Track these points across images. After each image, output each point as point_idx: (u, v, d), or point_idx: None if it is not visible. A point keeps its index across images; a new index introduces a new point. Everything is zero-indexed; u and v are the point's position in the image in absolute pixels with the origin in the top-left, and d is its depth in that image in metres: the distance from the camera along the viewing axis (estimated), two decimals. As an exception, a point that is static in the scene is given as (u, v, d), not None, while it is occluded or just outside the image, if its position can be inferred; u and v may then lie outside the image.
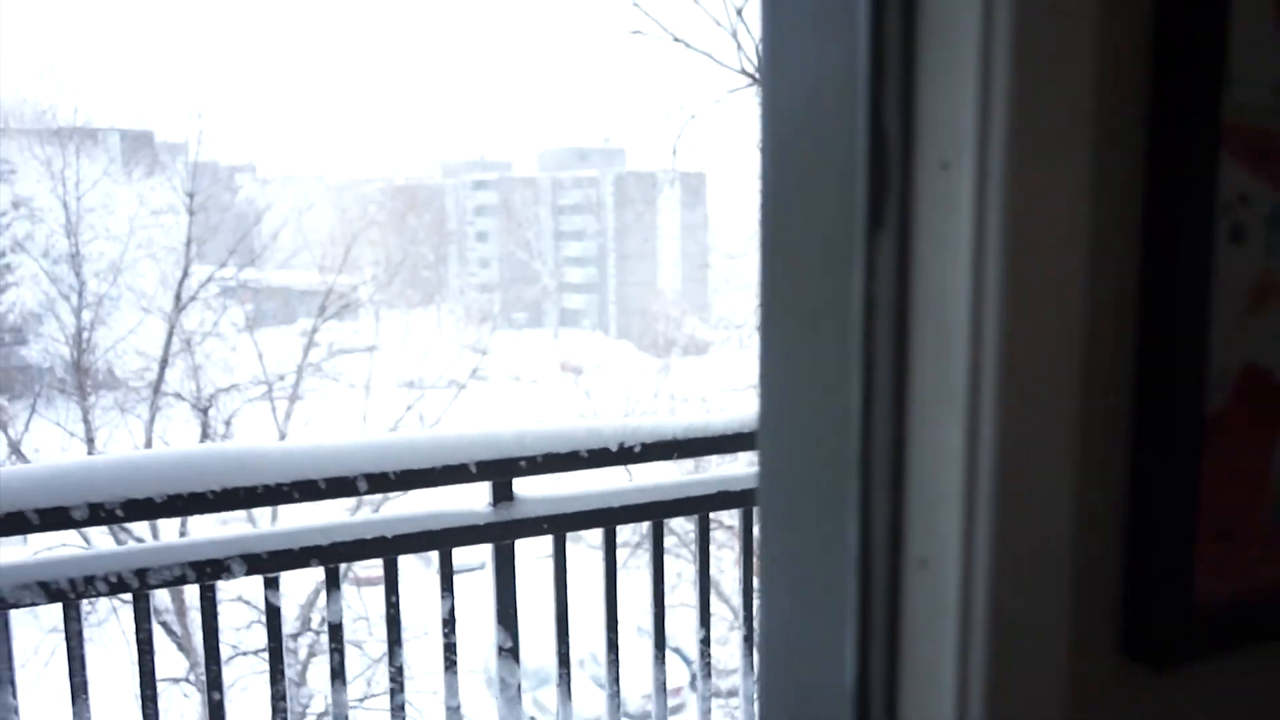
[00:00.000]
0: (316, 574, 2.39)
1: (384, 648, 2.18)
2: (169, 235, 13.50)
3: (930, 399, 0.44)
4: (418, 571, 2.81)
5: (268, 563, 2.00)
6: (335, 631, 2.12)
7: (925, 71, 0.42)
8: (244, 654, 8.72)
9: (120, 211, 13.65)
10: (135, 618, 1.96)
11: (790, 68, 0.45)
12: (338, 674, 2.11)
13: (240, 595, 8.67)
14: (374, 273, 18.03)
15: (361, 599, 8.92)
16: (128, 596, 1.95)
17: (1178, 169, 0.47)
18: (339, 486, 2.03)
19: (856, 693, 0.45)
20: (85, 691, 1.92)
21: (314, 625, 10.17)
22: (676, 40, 9.50)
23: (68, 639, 1.91)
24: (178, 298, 12.16)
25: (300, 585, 9.79)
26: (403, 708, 2.16)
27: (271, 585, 2.04)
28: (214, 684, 2.03)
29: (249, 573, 2.00)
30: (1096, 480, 0.48)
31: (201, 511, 1.96)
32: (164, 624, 10.30)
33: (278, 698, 2.05)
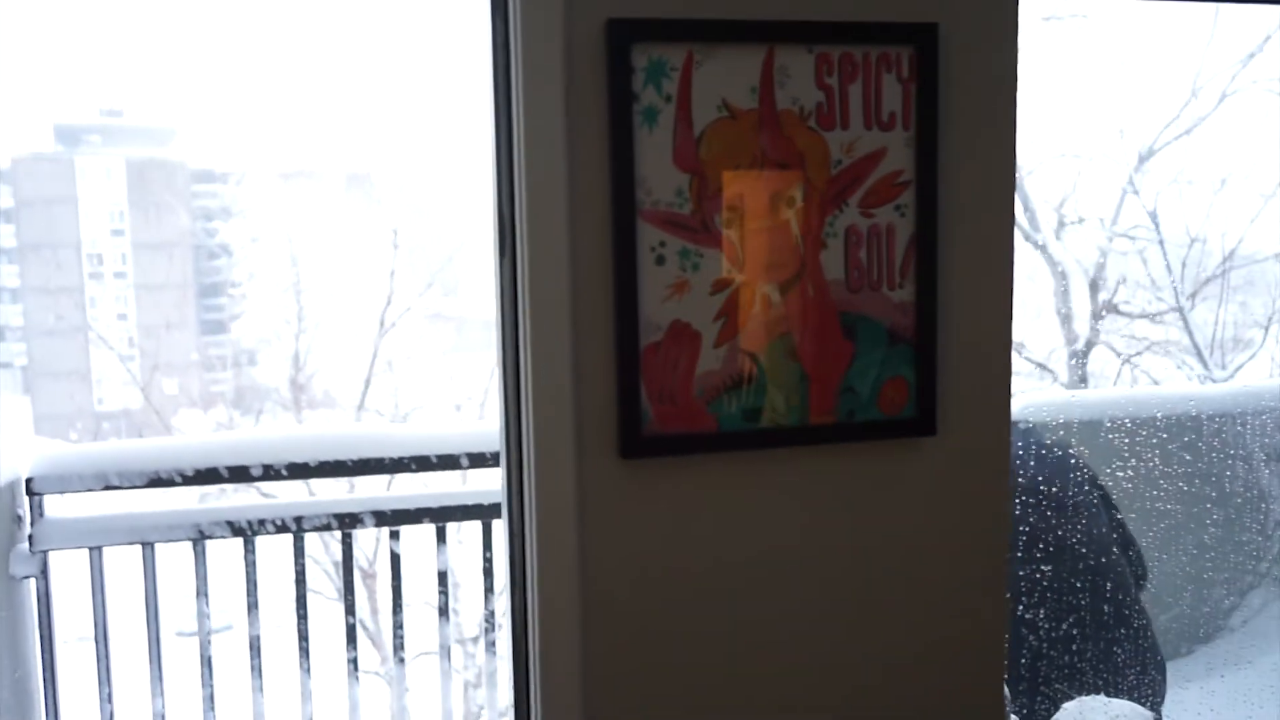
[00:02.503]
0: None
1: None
2: (377, 267, 14.90)
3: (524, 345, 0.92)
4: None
5: (390, 518, 2.59)
6: (443, 578, 2.68)
7: (519, 185, 0.90)
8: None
9: (336, 245, 15.23)
10: (294, 554, 2.58)
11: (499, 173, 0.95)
12: (443, 612, 2.67)
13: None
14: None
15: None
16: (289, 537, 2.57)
17: (619, 232, 0.94)
18: (447, 461, 2.60)
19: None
20: (256, 608, 2.55)
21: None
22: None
23: (246, 567, 2.56)
24: (381, 323, 13.44)
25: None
26: (494, 644, 2.69)
27: (394, 536, 2.63)
28: (350, 610, 2.62)
29: (377, 525, 2.59)
30: (601, 373, 0.93)
31: (343, 475, 2.57)
32: (360, 621, 11.45)
33: (397, 626, 2.63)
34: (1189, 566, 2.62)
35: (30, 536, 2.45)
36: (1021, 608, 1.74)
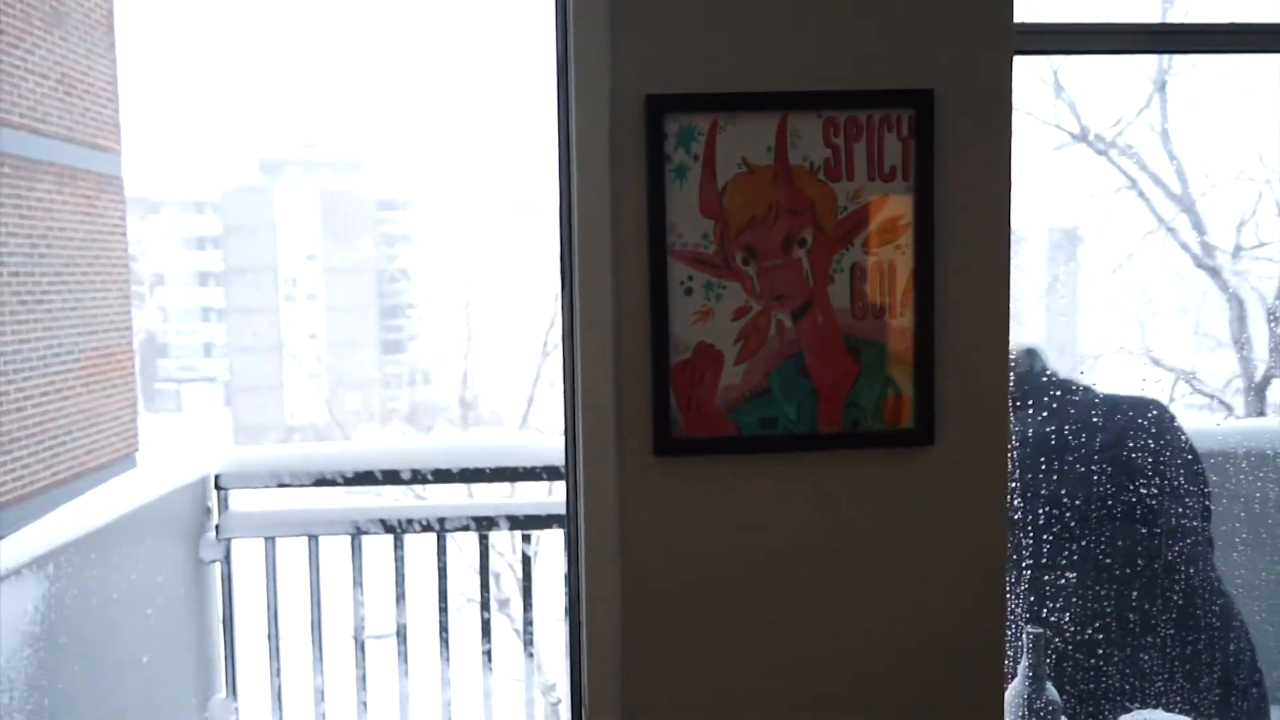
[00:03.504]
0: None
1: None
2: (541, 291, 15.52)
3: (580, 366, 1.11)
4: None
5: (524, 523, 2.82)
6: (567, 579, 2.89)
7: (574, 229, 1.09)
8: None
9: (504, 270, 15.94)
10: (437, 552, 2.84)
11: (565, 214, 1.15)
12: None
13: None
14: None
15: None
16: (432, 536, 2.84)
17: (654, 268, 1.12)
18: (575, 472, 2.81)
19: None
20: (404, 599, 2.83)
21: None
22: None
23: (395, 561, 2.84)
24: (544, 345, 13.97)
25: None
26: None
27: (526, 540, 2.85)
28: (484, 605, 2.86)
29: (510, 529, 2.82)
30: (638, 384, 1.09)
31: (480, 481, 2.82)
32: (516, 631, 11.92)
33: (527, 624, 2.85)
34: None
35: (217, 526, 2.81)
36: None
